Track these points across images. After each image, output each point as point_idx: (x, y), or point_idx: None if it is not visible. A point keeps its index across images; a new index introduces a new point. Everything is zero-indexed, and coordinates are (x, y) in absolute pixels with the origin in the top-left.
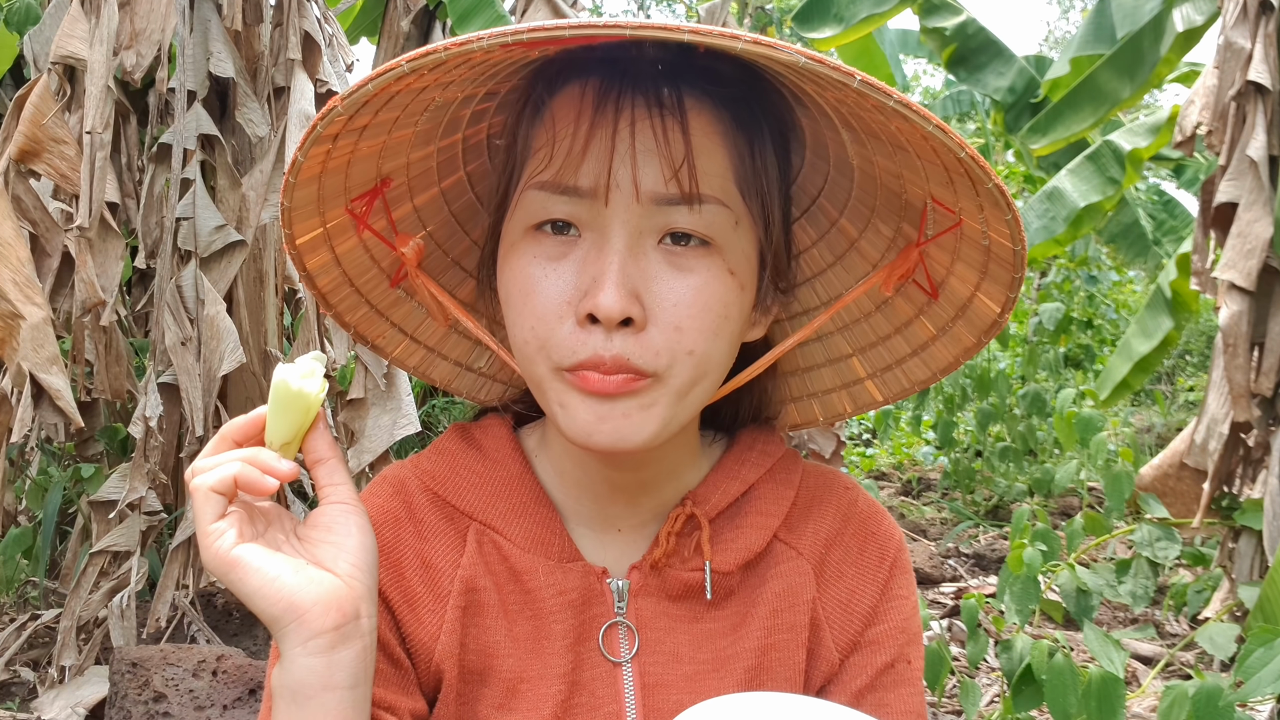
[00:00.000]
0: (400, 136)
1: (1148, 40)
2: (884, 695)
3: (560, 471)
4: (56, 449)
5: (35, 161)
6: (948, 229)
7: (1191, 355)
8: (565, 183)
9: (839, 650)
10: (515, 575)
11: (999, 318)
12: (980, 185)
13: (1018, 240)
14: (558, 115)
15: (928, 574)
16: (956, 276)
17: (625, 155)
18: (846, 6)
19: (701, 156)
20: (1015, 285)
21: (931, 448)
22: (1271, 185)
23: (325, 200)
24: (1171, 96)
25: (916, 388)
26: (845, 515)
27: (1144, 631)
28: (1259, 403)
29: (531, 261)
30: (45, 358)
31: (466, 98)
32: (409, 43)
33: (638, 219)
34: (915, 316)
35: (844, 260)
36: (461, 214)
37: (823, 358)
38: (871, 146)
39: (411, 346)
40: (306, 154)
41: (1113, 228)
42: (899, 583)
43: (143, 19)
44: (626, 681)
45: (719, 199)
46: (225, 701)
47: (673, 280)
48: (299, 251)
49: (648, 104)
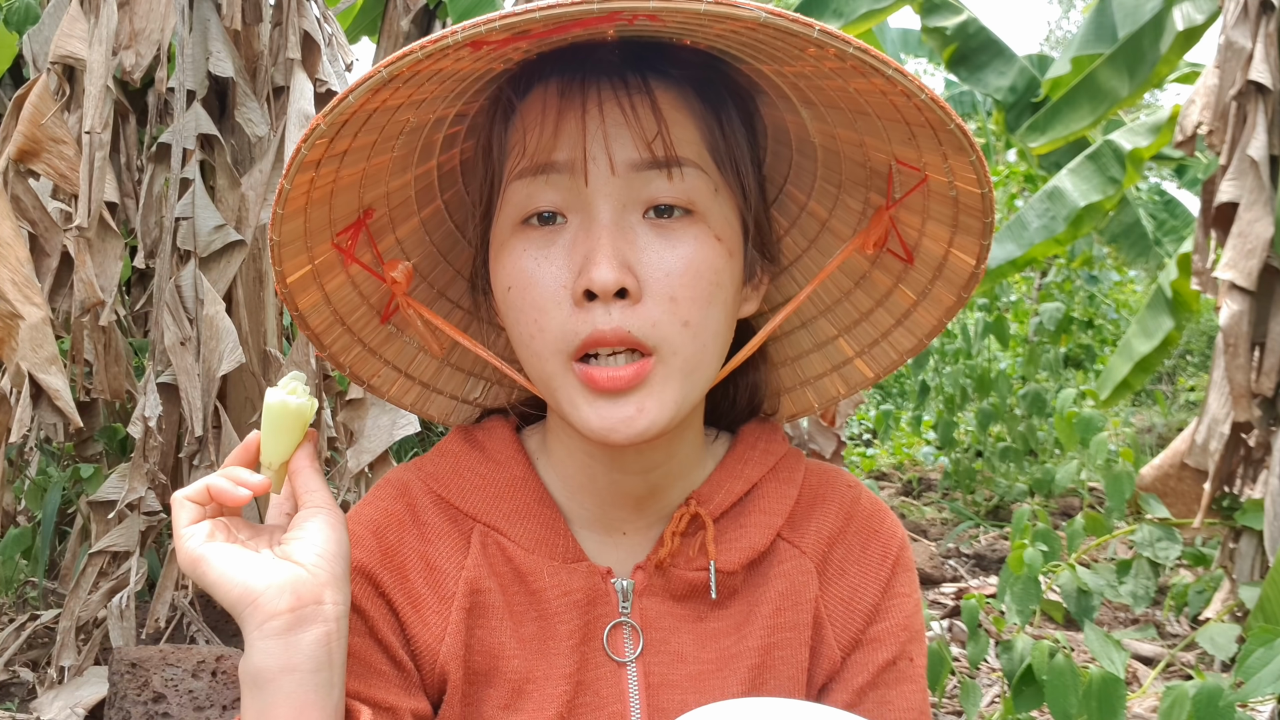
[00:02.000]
0: (379, 163)
1: (1148, 39)
2: (886, 692)
3: (564, 475)
4: (56, 449)
5: (34, 161)
6: (915, 186)
7: (1192, 355)
8: (543, 161)
9: (841, 648)
10: (520, 576)
11: (975, 269)
12: (942, 130)
13: (984, 183)
14: (526, 113)
15: (928, 574)
16: (929, 236)
17: (597, 132)
18: (846, 3)
19: (674, 127)
20: (986, 232)
21: (932, 448)
22: (1272, 185)
23: (312, 235)
24: (1172, 96)
25: (905, 357)
26: (848, 513)
27: (1145, 632)
28: (1260, 403)
29: (523, 255)
30: (44, 358)
31: (438, 120)
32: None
33: (619, 192)
34: (894, 286)
35: (818, 243)
36: (442, 244)
37: (810, 343)
38: (832, 119)
39: (406, 385)
40: (292, 180)
41: (1114, 228)
42: (901, 580)
43: (142, 19)
44: (631, 681)
45: (696, 163)
46: (225, 702)
47: (662, 250)
48: (290, 291)
49: (613, 86)
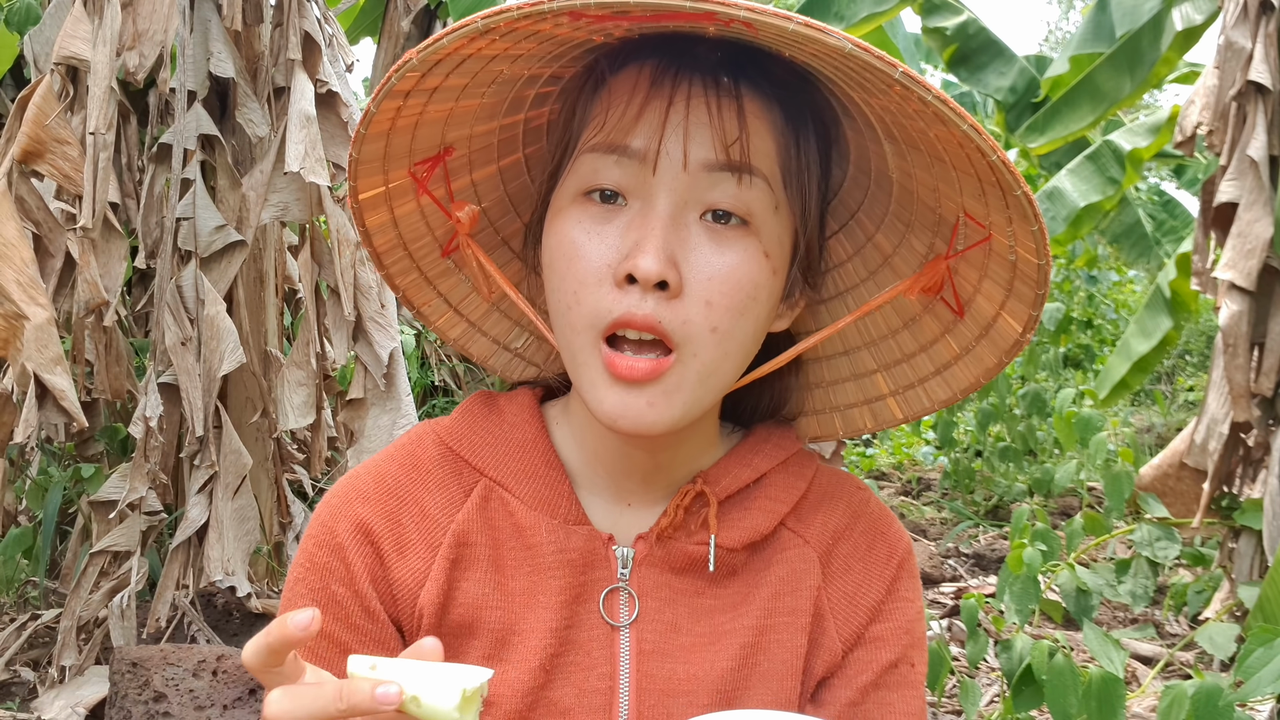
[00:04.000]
0: (466, 106)
1: (1147, 39)
2: (887, 694)
3: (580, 442)
4: (56, 449)
5: (38, 162)
6: (977, 243)
7: (1191, 355)
8: (617, 142)
9: (842, 642)
10: (518, 530)
11: (1021, 337)
12: (1009, 193)
13: (1043, 255)
14: (615, 89)
15: (928, 574)
16: (983, 295)
17: (678, 126)
18: (847, 6)
19: (753, 136)
20: (1039, 303)
21: (931, 448)
22: (1272, 185)
23: (390, 159)
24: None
25: (936, 407)
26: (856, 513)
27: (1144, 631)
28: (1259, 403)
29: (576, 225)
30: (49, 358)
31: (532, 77)
32: (409, 42)
33: (684, 189)
34: (941, 335)
35: (876, 276)
36: (516, 195)
37: (848, 372)
38: (911, 159)
39: (454, 319)
40: (379, 106)
41: (1116, 228)
42: (905, 585)
43: (145, 19)
44: (623, 646)
45: (765, 176)
46: (225, 701)
47: (710, 253)
48: (360, 206)
49: (704, 83)
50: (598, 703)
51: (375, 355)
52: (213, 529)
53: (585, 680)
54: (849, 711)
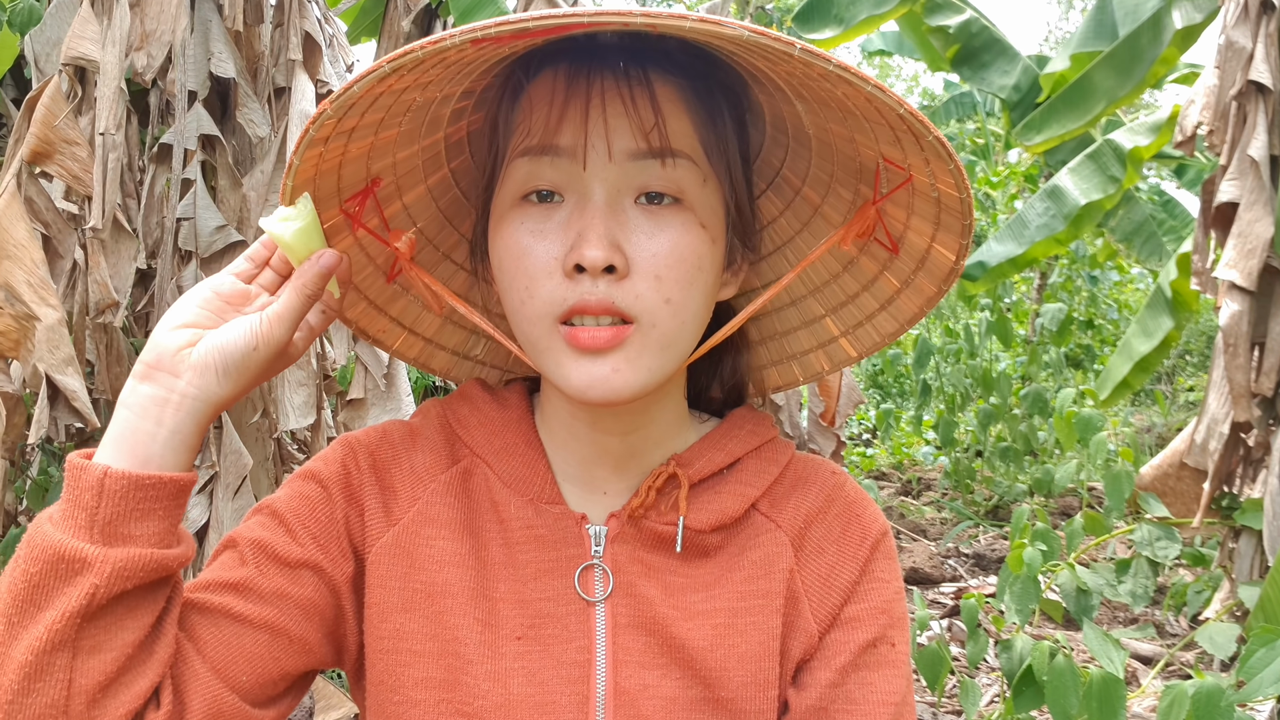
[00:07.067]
0: (386, 137)
1: (1146, 37)
2: (868, 675)
3: (552, 433)
4: (56, 449)
5: (47, 163)
6: (899, 185)
7: (1192, 355)
8: (546, 144)
9: (819, 624)
10: (495, 506)
11: (955, 265)
12: (922, 139)
13: (963, 188)
14: (534, 95)
15: (928, 574)
16: (913, 230)
17: (598, 121)
18: (846, 7)
19: (669, 120)
20: (966, 232)
21: (931, 448)
22: (1272, 185)
23: (320, 202)
24: (1172, 96)
25: (886, 340)
26: (830, 497)
27: (1144, 631)
28: (1259, 402)
29: (520, 227)
30: (61, 359)
31: (445, 97)
32: (410, 42)
33: (615, 178)
34: (880, 273)
35: (810, 226)
36: (449, 209)
37: (798, 321)
38: (824, 114)
39: (410, 339)
40: (301, 157)
41: (1125, 226)
42: (880, 566)
43: (153, 20)
44: (599, 620)
45: (688, 155)
46: None
47: (650, 232)
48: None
49: (615, 78)
50: (575, 674)
51: (375, 355)
52: (213, 529)
53: (564, 653)
54: (830, 693)
